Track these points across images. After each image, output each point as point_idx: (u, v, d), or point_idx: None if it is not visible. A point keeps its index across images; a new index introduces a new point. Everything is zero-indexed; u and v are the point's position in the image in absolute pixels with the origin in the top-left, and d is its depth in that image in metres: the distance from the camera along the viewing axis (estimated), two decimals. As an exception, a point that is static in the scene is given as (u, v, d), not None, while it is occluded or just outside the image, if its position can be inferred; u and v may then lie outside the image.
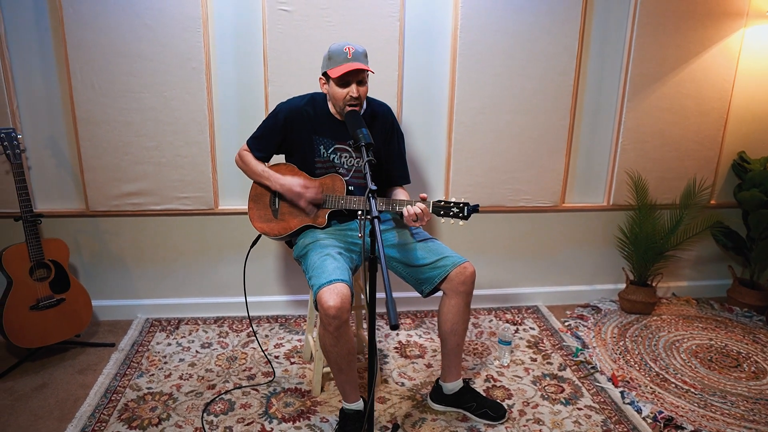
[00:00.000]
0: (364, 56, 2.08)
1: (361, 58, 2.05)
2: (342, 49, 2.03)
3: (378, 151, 2.28)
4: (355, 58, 2.03)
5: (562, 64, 2.85)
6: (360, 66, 2.01)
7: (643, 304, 3.12)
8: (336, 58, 2.03)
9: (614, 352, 2.76)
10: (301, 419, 2.24)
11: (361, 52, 2.07)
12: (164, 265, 2.95)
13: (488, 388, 2.46)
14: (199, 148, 2.74)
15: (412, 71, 2.81)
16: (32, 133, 2.68)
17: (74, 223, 2.82)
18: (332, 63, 2.05)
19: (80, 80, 2.58)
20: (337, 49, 2.04)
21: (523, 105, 2.89)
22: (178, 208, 2.82)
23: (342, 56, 2.02)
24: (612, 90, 2.98)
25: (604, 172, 3.12)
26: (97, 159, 2.70)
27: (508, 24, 2.76)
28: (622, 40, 2.90)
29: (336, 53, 2.04)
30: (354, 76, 2.04)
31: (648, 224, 3.04)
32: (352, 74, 2.03)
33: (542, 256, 3.22)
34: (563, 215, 3.15)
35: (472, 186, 2.98)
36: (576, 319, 3.10)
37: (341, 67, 2.01)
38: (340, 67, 2.02)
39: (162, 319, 3.00)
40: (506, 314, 3.15)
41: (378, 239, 1.44)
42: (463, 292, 2.14)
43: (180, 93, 2.65)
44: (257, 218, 2.25)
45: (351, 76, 2.04)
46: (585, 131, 3.03)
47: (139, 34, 2.56)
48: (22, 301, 2.45)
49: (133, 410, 2.27)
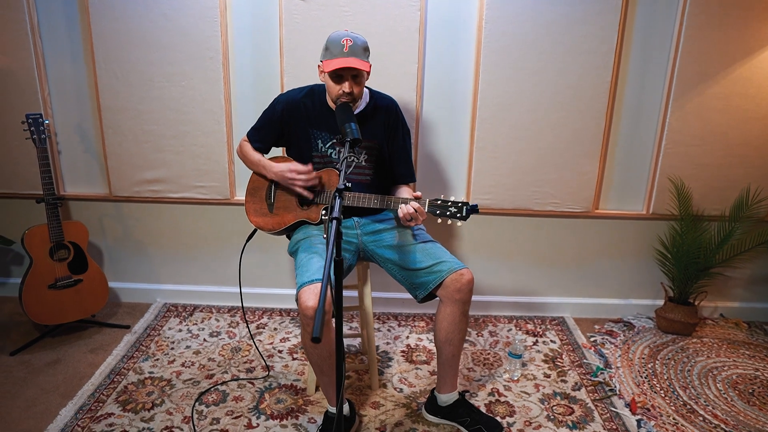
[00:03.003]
0: (363, 50, 1.97)
1: (358, 52, 1.95)
2: (340, 41, 1.94)
3: (381, 147, 2.18)
4: (351, 52, 1.93)
5: (598, 58, 2.62)
6: (354, 64, 1.91)
7: (682, 323, 2.83)
8: (332, 49, 1.95)
9: (640, 375, 2.52)
10: (289, 417, 2.20)
11: (360, 45, 1.96)
12: (183, 252, 3.01)
13: (490, 403, 2.32)
14: (215, 138, 2.75)
15: (433, 64, 2.68)
16: (62, 119, 2.79)
17: (99, 207, 2.92)
18: (328, 54, 1.96)
19: (104, 69, 2.66)
20: (335, 39, 1.95)
21: (553, 102, 2.68)
22: (195, 197, 2.86)
23: (338, 48, 1.93)
24: (656, 87, 2.71)
25: (644, 178, 2.85)
26: (119, 146, 2.77)
27: (537, 14, 2.56)
28: (670, 32, 2.62)
29: (333, 44, 1.95)
30: (348, 72, 1.95)
31: (691, 237, 2.75)
32: (347, 69, 1.94)
33: (572, 264, 3.00)
34: (596, 222, 2.91)
35: (494, 187, 2.82)
36: (604, 334, 2.86)
37: (335, 61, 1.92)
38: (333, 61, 1.93)
39: (179, 304, 3.06)
40: (528, 324, 2.97)
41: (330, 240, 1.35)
42: (459, 300, 2.01)
43: (197, 83, 2.67)
44: (252, 212, 2.22)
45: (345, 72, 1.95)
46: (624, 132, 2.78)
47: (158, 23, 2.59)
48: (41, 280, 2.56)
49: (130, 393, 2.32)
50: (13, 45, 2.63)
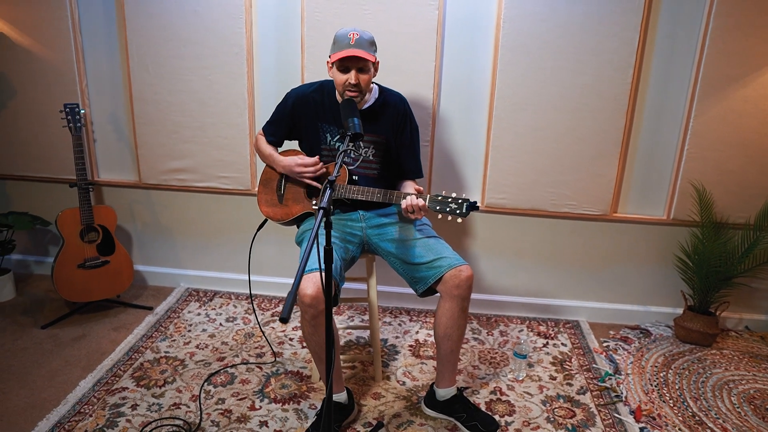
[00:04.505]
0: (369, 44, 2.02)
1: (364, 45, 2.00)
2: (347, 34, 2.00)
3: (388, 142, 2.22)
4: (357, 45, 1.98)
5: (618, 59, 2.57)
6: (358, 53, 1.97)
7: (701, 334, 2.75)
8: (339, 42, 2.01)
9: (650, 383, 2.47)
10: (291, 402, 2.27)
11: (367, 39, 2.02)
12: (206, 239, 3.13)
13: (491, 401, 2.32)
14: (238, 130, 2.85)
15: (450, 62, 2.70)
16: (98, 109, 2.96)
17: (130, 193, 3.08)
18: (335, 47, 2.02)
19: (137, 62, 2.80)
20: (343, 33, 2.02)
21: (571, 102, 2.66)
22: (219, 187, 2.97)
23: (345, 41, 1.99)
24: (679, 89, 2.63)
25: (665, 182, 2.78)
26: (149, 135, 2.92)
27: (557, 13, 2.54)
28: (696, 33, 2.54)
29: (340, 38, 2.01)
30: (354, 63, 2.00)
31: (713, 245, 2.66)
32: (352, 61, 1.99)
33: (588, 268, 2.95)
34: (614, 226, 2.86)
35: (510, 186, 2.81)
36: (618, 340, 2.81)
37: (340, 52, 1.98)
38: (339, 52, 1.99)
39: (200, 290, 3.18)
40: (540, 326, 2.94)
41: (314, 231, 1.40)
42: (458, 296, 2.03)
43: (222, 76, 2.78)
44: (263, 202, 2.30)
45: (351, 63, 2.00)
46: (645, 134, 2.72)
47: (187, 19, 2.71)
48: (71, 260, 2.73)
49: (145, 370, 2.44)
50: (56, 40, 2.81)
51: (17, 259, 3.29)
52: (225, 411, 2.21)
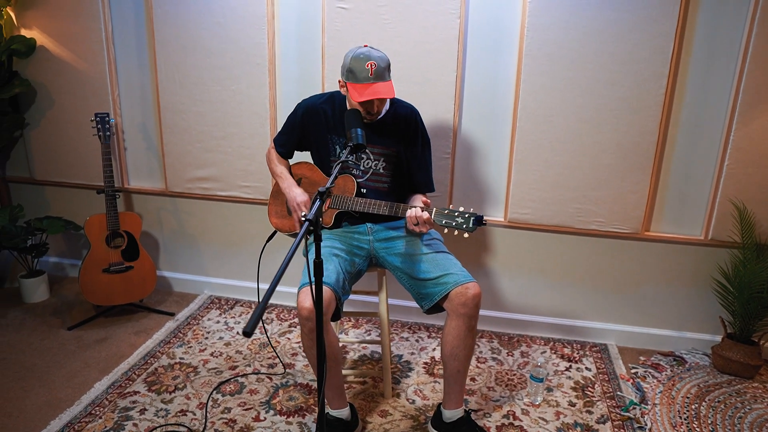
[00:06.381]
0: (386, 69, 1.98)
1: (384, 74, 1.96)
2: (364, 66, 1.94)
3: (399, 155, 2.17)
4: (377, 76, 1.94)
5: (651, 68, 2.43)
6: (383, 94, 1.94)
7: (741, 364, 2.54)
8: (357, 73, 1.95)
9: (679, 416, 2.29)
10: (296, 415, 2.24)
11: (384, 66, 1.97)
12: (229, 248, 3.16)
13: (502, 426, 2.21)
14: (260, 140, 2.87)
15: (473, 72, 2.62)
16: (129, 118, 3.05)
17: (157, 200, 3.15)
18: (352, 77, 1.97)
19: (164, 73, 2.88)
20: (358, 62, 1.95)
21: (599, 114, 2.53)
22: (241, 196, 3.00)
23: (363, 74, 1.94)
24: (719, 99, 2.46)
25: (702, 200, 2.59)
26: (175, 144, 2.98)
27: (584, 21, 2.43)
28: (737, 40, 2.37)
29: (357, 68, 1.95)
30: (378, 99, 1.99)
31: (756, 268, 2.45)
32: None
33: (618, 289, 2.79)
34: (646, 245, 2.69)
35: (534, 201, 2.69)
36: (648, 367, 2.63)
37: (363, 90, 1.94)
38: (360, 88, 1.95)
39: (222, 297, 3.22)
40: (565, 348, 2.80)
41: (295, 243, 1.36)
42: (464, 315, 1.94)
43: (245, 87, 2.81)
44: (273, 213, 2.30)
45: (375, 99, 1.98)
46: (680, 149, 2.55)
47: (212, 31, 2.76)
48: (96, 264, 2.81)
49: (158, 375, 2.47)
50: (91, 52, 2.93)
51: (54, 261, 3.43)
52: (229, 420, 2.20)
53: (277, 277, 1.27)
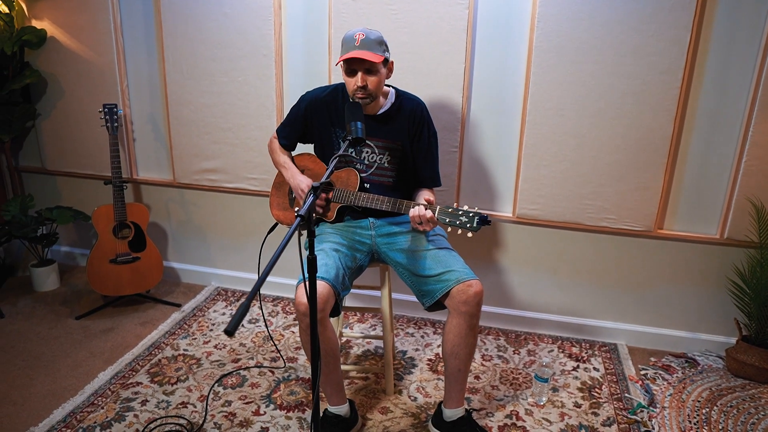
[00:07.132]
0: (377, 43, 1.94)
1: (371, 45, 1.92)
2: (353, 36, 1.92)
3: (404, 149, 2.13)
4: (363, 46, 1.90)
5: (666, 61, 2.34)
6: (362, 55, 1.88)
7: (757, 368, 2.45)
8: (345, 44, 1.94)
9: (688, 420, 2.22)
10: (296, 410, 2.23)
11: (374, 39, 1.93)
12: (235, 239, 3.16)
13: (504, 426, 2.17)
14: (266, 132, 2.85)
15: (481, 64, 2.56)
16: (137, 109, 3.05)
17: (165, 191, 3.16)
18: (342, 50, 1.95)
19: (172, 64, 2.87)
20: (349, 35, 1.94)
21: (610, 108, 2.45)
22: (247, 188, 2.99)
23: (350, 43, 1.92)
24: (737, 94, 2.36)
25: (719, 197, 2.50)
26: (182, 136, 2.98)
27: (596, 12, 2.35)
28: (759, 30, 2.27)
29: (346, 40, 1.94)
30: (360, 64, 1.92)
31: (773, 269, 2.37)
32: (357, 62, 1.92)
33: (630, 288, 2.71)
34: (659, 243, 2.61)
35: (543, 197, 2.63)
36: (659, 369, 2.56)
37: (344, 54, 1.91)
38: (344, 54, 1.92)
39: (228, 289, 3.22)
40: (573, 347, 2.74)
41: (285, 238, 1.34)
42: (465, 313, 1.90)
43: (252, 79, 2.79)
44: (275, 205, 2.27)
45: (356, 65, 1.92)
46: (695, 144, 2.46)
47: (219, 22, 2.74)
48: (103, 254, 2.83)
49: (161, 366, 2.48)
50: (100, 43, 2.93)
51: (65, 250, 3.47)
52: (229, 414, 2.19)
53: (263, 276, 1.24)
